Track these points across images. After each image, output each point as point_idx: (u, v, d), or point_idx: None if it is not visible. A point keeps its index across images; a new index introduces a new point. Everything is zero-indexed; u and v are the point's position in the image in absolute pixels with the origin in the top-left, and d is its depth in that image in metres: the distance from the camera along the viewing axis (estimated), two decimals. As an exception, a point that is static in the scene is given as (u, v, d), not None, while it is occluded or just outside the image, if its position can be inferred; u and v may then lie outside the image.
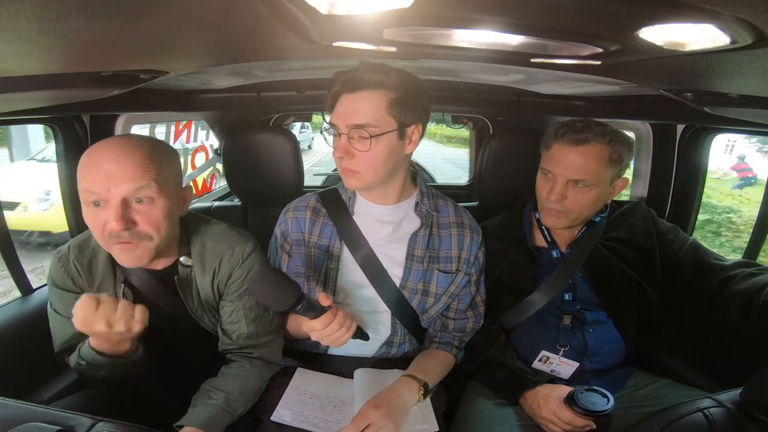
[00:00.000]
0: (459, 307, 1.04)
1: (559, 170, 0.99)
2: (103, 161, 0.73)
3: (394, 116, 0.87)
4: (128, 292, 0.88)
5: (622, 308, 1.04)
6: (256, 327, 0.91)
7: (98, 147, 0.76)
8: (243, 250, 0.91)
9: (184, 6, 0.38)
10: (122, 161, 0.74)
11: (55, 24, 0.35)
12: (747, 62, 0.45)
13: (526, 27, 0.46)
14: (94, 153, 0.75)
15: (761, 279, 0.89)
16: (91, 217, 0.76)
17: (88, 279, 0.87)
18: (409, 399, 0.88)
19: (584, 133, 0.96)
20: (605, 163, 0.97)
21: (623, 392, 1.01)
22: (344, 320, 0.82)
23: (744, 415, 0.55)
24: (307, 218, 1.02)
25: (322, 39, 0.56)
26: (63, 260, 0.86)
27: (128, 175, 0.73)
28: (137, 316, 0.73)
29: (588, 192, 0.98)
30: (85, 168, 0.75)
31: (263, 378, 0.93)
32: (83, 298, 0.72)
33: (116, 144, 0.77)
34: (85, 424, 0.55)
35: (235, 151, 1.38)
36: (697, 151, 1.32)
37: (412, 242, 0.99)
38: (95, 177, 0.73)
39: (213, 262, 0.89)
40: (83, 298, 0.72)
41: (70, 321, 0.81)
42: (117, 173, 0.73)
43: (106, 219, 0.74)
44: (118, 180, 0.73)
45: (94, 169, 0.74)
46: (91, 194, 0.74)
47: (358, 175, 0.90)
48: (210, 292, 0.90)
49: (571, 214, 1.01)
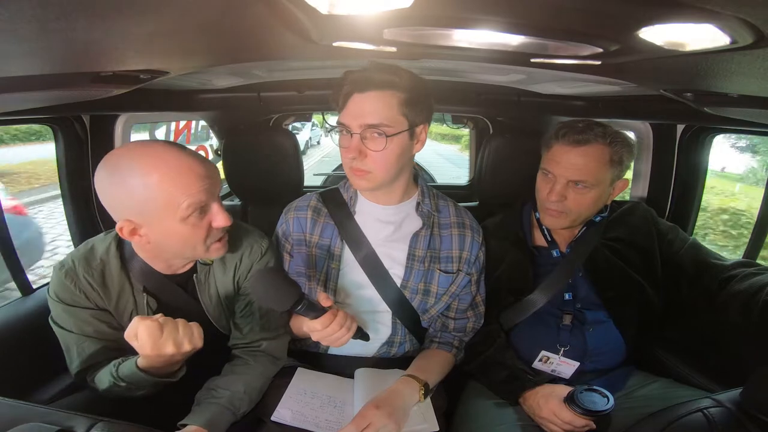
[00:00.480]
0: (459, 307, 1.04)
1: (560, 171, 0.99)
2: (195, 168, 0.75)
3: (406, 116, 0.88)
4: (151, 300, 0.87)
5: (623, 308, 1.04)
6: (266, 320, 0.93)
7: (178, 156, 0.75)
8: (261, 247, 0.94)
9: (184, 6, 0.38)
10: (207, 164, 0.78)
11: (55, 24, 0.35)
12: (747, 62, 0.46)
13: (526, 27, 0.46)
14: (183, 161, 0.75)
15: (761, 279, 0.89)
16: (192, 228, 0.77)
17: (104, 291, 0.84)
18: (410, 399, 0.88)
19: (585, 134, 0.96)
20: (606, 164, 0.97)
21: (623, 392, 1.01)
22: (345, 321, 0.82)
23: (744, 415, 0.55)
24: (308, 218, 1.02)
25: (322, 39, 0.56)
26: (71, 275, 0.82)
27: (217, 175, 0.79)
28: (196, 333, 0.74)
29: (588, 193, 0.98)
30: (184, 178, 0.74)
31: (267, 376, 0.93)
32: (145, 322, 0.70)
33: (187, 151, 0.78)
34: (85, 424, 0.55)
35: (235, 151, 1.38)
36: (697, 151, 1.32)
37: (414, 242, 0.99)
38: (198, 185, 0.75)
39: (234, 259, 0.92)
40: (145, 322, 0.70)
41: (87, 339, 0.83)
42: (211, 174, 0.78)
43: (211, 219, 0.78)
44: (214, 182, 0.78)
45: (193, 178, 0.75)
46: (197, 203, 0.75)
47: (369, 176, 0.90)
48: (231, 287, 0.92)
49: (570, 215, 1.01)
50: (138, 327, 0.71)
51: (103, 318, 0.85)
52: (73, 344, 0.83)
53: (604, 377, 1.02)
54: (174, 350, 0.72)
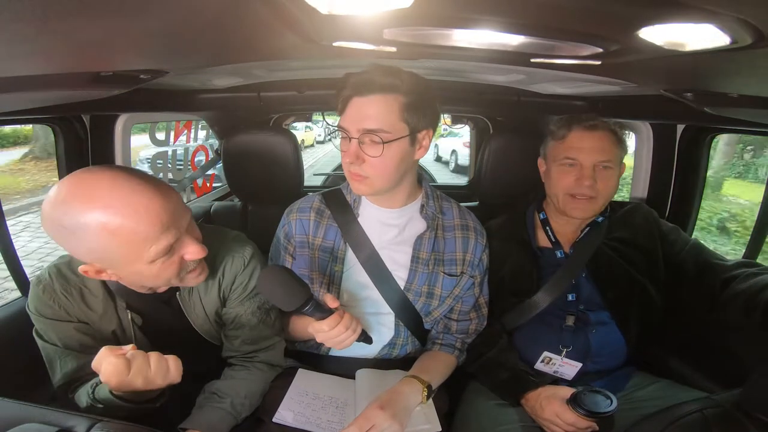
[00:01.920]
0: (462, 308, 1.04)
1: (584, 156, 1.01)
2: (154, 206, 0.66)
3: (407, 121, 0.86)
4: (136, 316, 0.84)
5: (625, 309, 1.04)
6: (259, 332, 0.91)
7: (130, 194, 0.65)
8: (243, 257, 0.89)
9: (184, 6, 0.38)
10: (166, 194, 0.69)
11: (55, 24, 0.35)
12: (747, 62, 0.46)
13: (526, 27, 0.46)
14: (138, 200, 0.65)
15: (763, 279, 0.89)
16: (162, 266, 0.71)
17: (84, 307, 0.81)
18: (413, 400, 0.88)
19: (592, 120, 1.03)
20: (616, 144, 1.03)
21: (623, 393, 1.01)
22: (350, 323, 0.82)
23: (744, 415, 0.55)
24: (311, 220, 1.01)
25: (322, 39, 0.56)
26: (49, 291, 0.78)
27: (178, 202, 0.72)
28: (172, 367, 0.67)
29: (612, 173, 1.03)
30: (144, 224, 0.66)
31: (267, 381, 0.93)
32: (109, 358, 0.63)
33: (140, 181, 0.68)
34: (85, 424, 0.55)
35: (235, 151, 1.38)
36: (697, 151, 1.32)
37: (418, 245, 0.99)
38: (161, 227, 0.67)
39: (216, 272, 0.87)
40: (109, 358, 0.63)
41: (70, 353, 0.79)
42: (174, 207, 0.70)
43: (181, 255, 0.72)
44: (179, 213, 0.70)
45: (155, 220, 0.67)
46: (164, 248, 0.69)
47: (367, 181, 0.89)
48: (217, 302, 0.89)
49: (600, 198, 1.03)
50: (102, 361, 0.63)
51: (87, 331, 0.82)
52: (56, 358, 0.80)
53: (606, 378, 1.02)
54: (144, 387, 0.65)
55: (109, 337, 0.84)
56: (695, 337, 1.13)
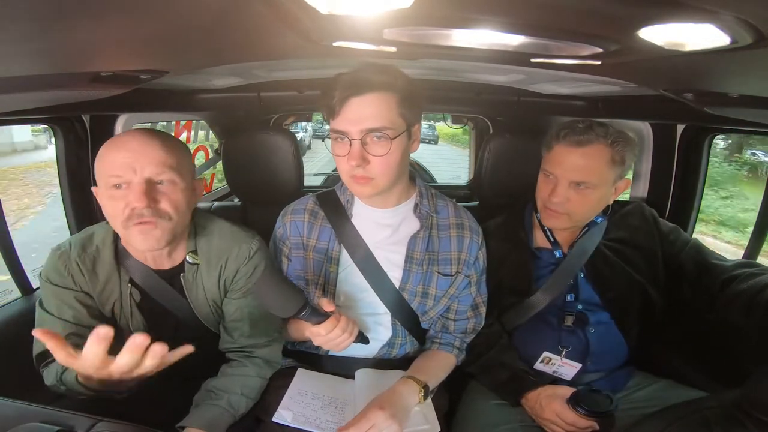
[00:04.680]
0: (459, 308, 1.04)
1: (561, 172, 0.98)
2: (129, 146, 0.77)
3: (404, 116, 0.86)
4: (135, 292, 0.87)
5: (625, 309, 1.04)
6: (258, 327, 0.91)
7: (121, 135, 0.81)
8: (249, 248, 0.91)
9: (184, 6, 0.38)
10: (146, 145, 0.77)
11: (55, 24, 0.35)
12: (747, 62, 0.46)
13: (526, 27, 0.46)
14: (117, 140, 0.79)
15: (763, 279, 0.89)
16: (112, 201, 0.77)
17: (92, 277, 0.85)
18: (410, 400, 0.88)
19: (586, 134, 0.95)
20: (607, 164, 0.96)
21: (623, 393, 1.01)
22: (347, 325, 0.82)
23: (744, 415, 0.55)
24: (305, 222, 1.01)
25: (322, 39, 0.56)
26: (64, 257, 0.84)
27: (152, 157, 0.77)
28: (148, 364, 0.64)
29: (590, 194, 0.98)
30: (109, 153, 0.77)
31: (263, 377, 0.92)
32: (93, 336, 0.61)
33: (138, 132, 0.80)
34: (85, 424, 0.55)
35: (235, 151, 1.38)
36: (697, 151, 1.32)
37: (412, 244, 0.99)
38: (121, 160, 0.75)
39: (219, 260, 0.89)
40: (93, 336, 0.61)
41: (59, 322, 0.82)
42: (142, 155, 0.76)
43: (129, 199, 0.75)
44: (143, 162, 0.76)
45: (119, 153, 0.76)
46: (115, 177, 0.76)
47: (372, 182, 0.87)
48: (216, 290, 0.90)
49: (572, 216, 1.01)
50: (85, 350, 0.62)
51: (86, 302, 0.85)
52: (44, 326, 0.80)
53: (605, 378, 1.02)
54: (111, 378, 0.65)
55: (106, 313, 0.87)
56: (695, 336, 1.13)
